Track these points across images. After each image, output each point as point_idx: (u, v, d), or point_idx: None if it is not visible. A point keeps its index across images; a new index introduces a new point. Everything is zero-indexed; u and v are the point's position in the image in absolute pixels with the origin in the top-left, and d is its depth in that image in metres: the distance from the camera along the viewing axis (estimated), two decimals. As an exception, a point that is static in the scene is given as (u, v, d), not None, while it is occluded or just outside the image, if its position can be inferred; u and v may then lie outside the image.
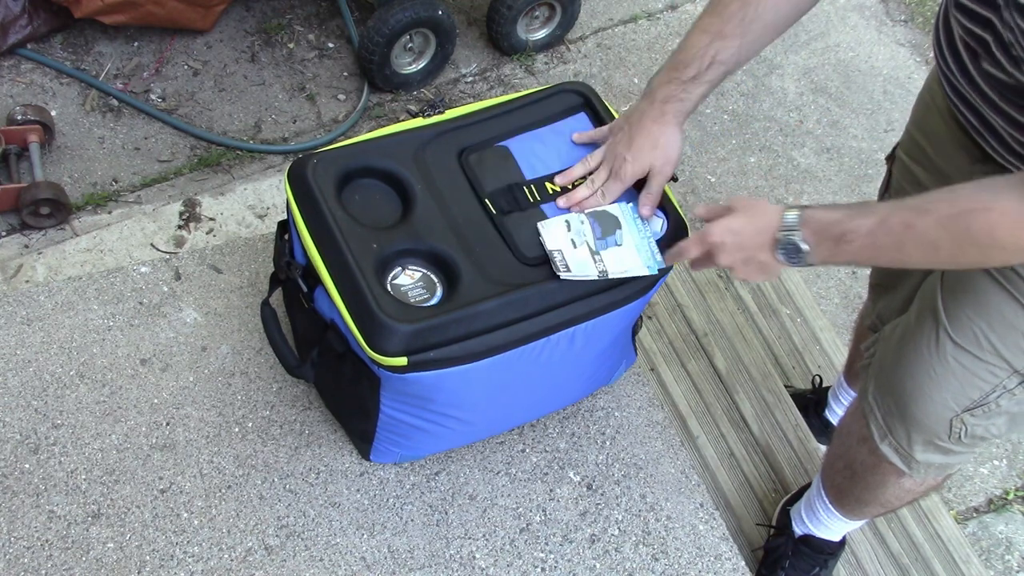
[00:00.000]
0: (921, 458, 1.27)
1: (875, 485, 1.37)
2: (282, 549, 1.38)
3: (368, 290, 1.17)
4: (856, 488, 1.43)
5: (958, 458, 1.27)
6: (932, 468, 1.29)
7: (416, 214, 1.26)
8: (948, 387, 1.18)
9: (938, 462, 1.27)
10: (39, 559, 1.32)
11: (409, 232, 1.25)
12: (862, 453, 1.35)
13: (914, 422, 1.24)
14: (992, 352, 1.13)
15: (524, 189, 1.31)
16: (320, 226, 1.22)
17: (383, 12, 2.27)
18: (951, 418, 1.20)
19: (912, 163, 1.34)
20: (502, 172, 1.32)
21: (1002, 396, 1.15)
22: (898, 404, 1.25)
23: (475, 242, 1.25)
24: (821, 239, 1.06)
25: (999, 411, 1.17)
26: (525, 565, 1.43)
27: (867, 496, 1.43)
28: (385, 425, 1.35)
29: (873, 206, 1.04)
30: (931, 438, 1.23)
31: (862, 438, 1.33)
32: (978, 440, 1.22)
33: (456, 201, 1.29)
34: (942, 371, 1.17)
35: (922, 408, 1.22)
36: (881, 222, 1.01)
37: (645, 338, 1.97)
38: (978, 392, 1.16)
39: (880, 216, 1.01)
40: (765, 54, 2.84)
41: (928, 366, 1.19)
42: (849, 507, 1.50)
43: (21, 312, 1.53)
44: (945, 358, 1.16)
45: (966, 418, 1.19)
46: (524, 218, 1.29)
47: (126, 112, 2.28)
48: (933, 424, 1.22)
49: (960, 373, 1.16)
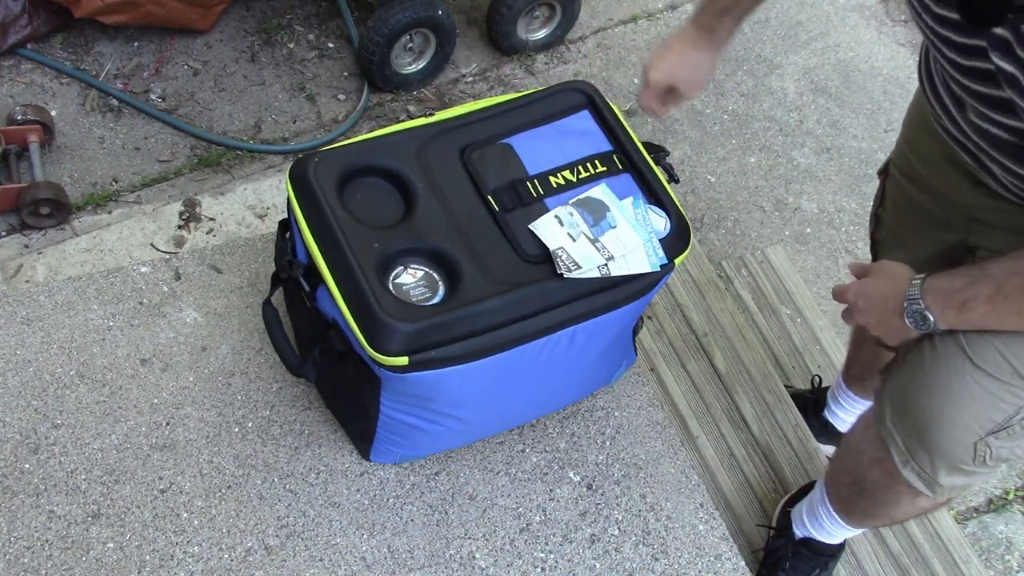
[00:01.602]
0: (945, 482, 1.24)
1: (887, 503, 1.35)
2: (282, 549, 1.38)
3: (369, 290, 1.17)
4: (864, 502, 1.41)
5: (980, 478, 1.26)
6: (956, 489, 1.27)
7: (418, 213, 1.26)
8: (970, 410, 1.16)
9: (961, 483, 1.26)
10: (39, 559, 1.32)
11: (411, 231, 1.25)
12: (875, 473, 1.33)
13: (937, 448, 1.21)
14: (1013, 373, 1.11)
15: (527, 184, 1.30)
16: (322, 225, 1.22)
17: (383, 12, 2.27)
18: (975, 442, 1.17)
19: (906, 181, 1.34)
20: (505, 169, 1.32)
21: None
22: (919, 429, 1.22)
23: (477, 240, 1.25)
24: (945, 308, 1.09)
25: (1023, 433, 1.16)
26: (525, 565, 1.43)
27: (875, 511, 1.41)
28: (385, 425, 1.35)
29: (991, 270, 1.05)
30: (955, 463, 1.21)
31: (876, 460, 1.31)
32: (1002, 461, 1.20)
33: (458, 199, 1.28)
34: (963, 393, 1.15)
35: (945, 433, 1.19)
36: (998, 289, 1.03)
37: (645, 338, 1.97)
38: (1001, 415, 1.15)
39: (997, 282, 1.03)
40: (765, 54, 2.84)
41: (948, 389, 1.16)
42: (854, 518, 1.48)
43: (21, 312, 1.53)
44: (965, 381, 1.14)
45: (991, 441, 1.17)
46: (527, 213, 1.28)
47: (126, 112, 2.27)
48: (956, 449, 1.19)
49: (981, 396, 1.14)
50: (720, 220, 2.50)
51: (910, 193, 1.33)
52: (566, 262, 1.23)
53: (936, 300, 1.09)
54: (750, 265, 2.25)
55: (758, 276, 2.24)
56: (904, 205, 1.36)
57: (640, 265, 1.25)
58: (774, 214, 2.54)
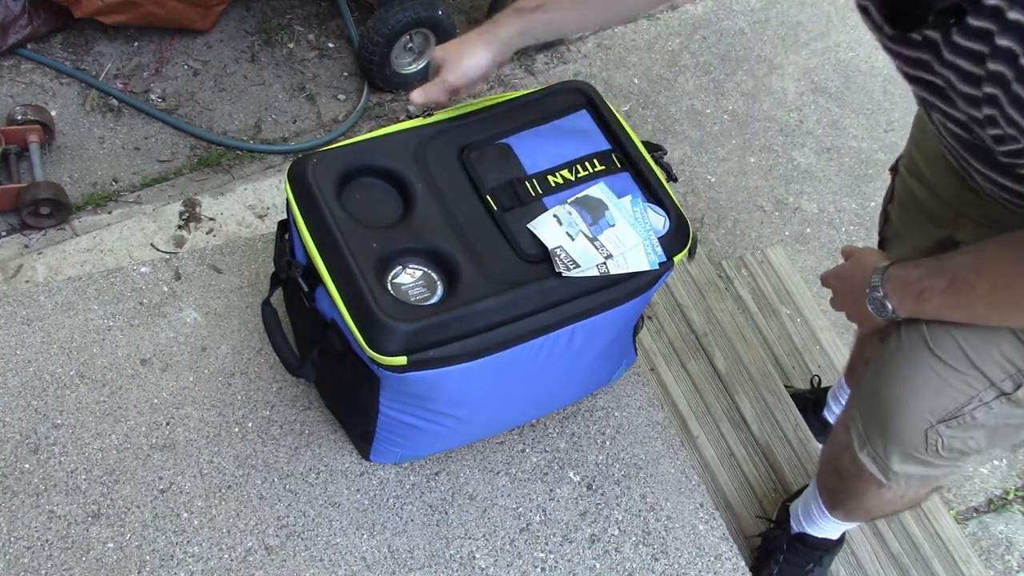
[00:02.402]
0: (898, 469, 1.26)
1: (859, 492, 1.37)
2: (282, 549, 1.38)
3: (368, 290, 1.17)
4: (844, 493, 1.43)
5: (939, 471, 1.26)
6: (912, 480, 1.28)
7: (416, 213, 1.26)
8: (924, 397, 1.18)
9: (917, 474, 1.27)
10: (39, 559, 1.32)
11: (409, 231, 1.25)
12: (846, 460, 1.35)
13: (891, 432, 1.23)
14: (968, 364, 1.12)
15: (526, 184, 1.31)
16: (320, 226, 1.22)
17: (383, 12, 2.27)
18: (926, 429, 1.19)
19: (911, 178, 1.35)
20: (503, 168, 1.32)
21: (978, 408, 1.15)
22: (876, 414, 1.25)
23: (475, 239, 1.25)
24: (903, 297, 1.11)
25: (975, 424, 1.16)
26: (525, 565, 1.43)
27: (853, 503, 1.43)
28: (385, 425, 1.35)
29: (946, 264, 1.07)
30: (908, 450, 1.23)
31: (845, 446, 1.33)
32: (957, 453, 1.21)
33: (457, 199, 1.28)
34: (919, 381, 1.17)
35: (898, 418, 1.21)
36: (951, 283, 1.05)
37: (645, 338, 1.97)
38: (953, 403, 1.16)
39: (951, 276, 1.06)
40: (765, 54, 2.84)
41: (905, 376, 1.19)
42: (840, 510, 1.50)
43: (21, 312, 1.53)
44: (922, 368, 1.16)
45: (941, 429, 1.18)
46: (526, 212, 1.28)
47: (126, 112, 2.27)
48: (909, 435, 1.21)
49: (936, 383, 1.16)
50: (720, 220, 2.50)
51: (913, 190, 1.34)
52: (564, 261, 1.23)
53: (895, 289, 1.12)
54: (750, 265, 2.25)
55: (758, 276, 2.24)
56: (908, 202, 1.37)
57: (639, 263, 1.25)
58: (774, 214, 2.54)
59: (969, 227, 1.22)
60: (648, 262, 1.26)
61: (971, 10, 0.81)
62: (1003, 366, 1.11)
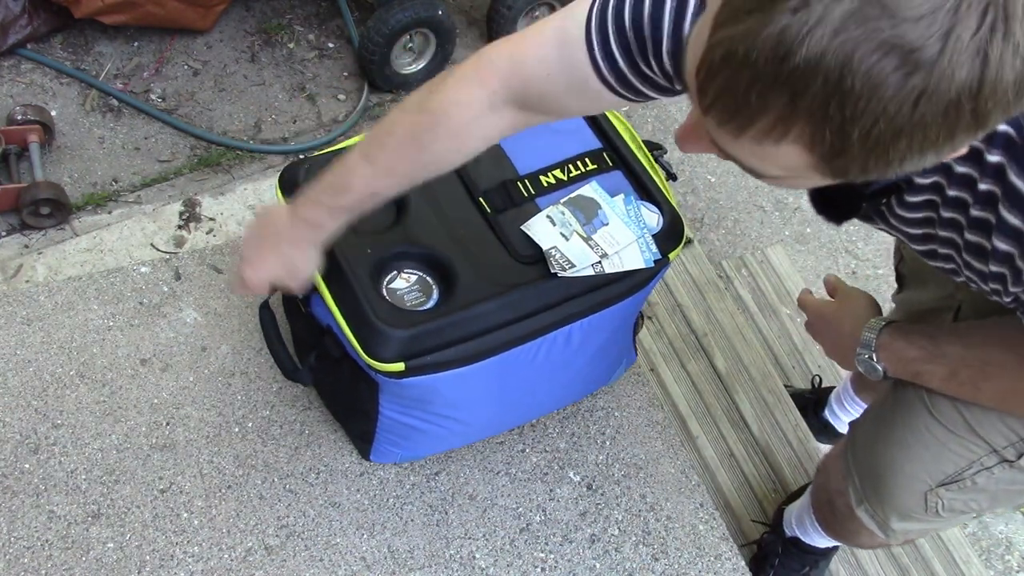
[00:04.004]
0: (898, 527, 1.24)
1: (853, 531, 1.36)
2: (282, 549, 1.38)
3: (363, 296, 1.17)
4: (838, 526, 1.42)
5: (940, 525, 1.26)
6: (911, 533, 1.28)
7: (410, 217, 1.26)
8: (921, 461, 1.16)
9: (916, 529, 1.25)
10: (39, 559, 1.32)
11: (403, 235, 1.25)
12: (839, 502, 1.34)
13: (889, 495, 1.21)
14: (968, 429, 1.10)
15: (518, 184, 1.30)
16: None
17: (383, 12, 2.27)
18: (925, 492, 1.17)
19: None
20: (495, 170, 1.32)
21: (979, 473, 1.13)
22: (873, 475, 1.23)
23: (470, 242, 1.25)
24: (898, 369, 1.10)
25: (976, 488, 1.14)
26: (525, 565, 1.43)
27: (846, 536, 1.42)
28: (385, 426, 1.35)
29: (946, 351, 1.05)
30: (907, 512, 1.21)
31: (840, 491, 1.32)
32: (958, 513, 1.19)
33: (450, 202, 1.28)
34: (916, 443, 1.15)
35: (895, 481, 1.19)
36: (952, 375, 1.04)
37: (645, 338, 1.96)
38: (953, 467, 1.14)
39: (951, 368, 1.04)
40: (765, 54, 2.84)
41: (902, 438, 1.17)
42: (833, 535, 1.49)
43: (21, 312, 1.53)
44: (919, 430, 1.14)
45: (941, 492, 1.16)
46: (519, 214, 1.28)
47: (126, 112, 2.27)
48: (907, 499, 1.19)
49: (934, 446, 1.14)
50: (720, 220, 2.50)
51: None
52: (560, 261, 1.22)
53: (889, 359, 1.10)
54: (750, 265, 2.25)
55: (758, 276, 2.23)
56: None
57: (634, 261, 1.25)
58: (774, 214, 2.54)
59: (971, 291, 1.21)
60: (643, 260, 1.26)
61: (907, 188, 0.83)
62: (1005, 434, 1.09)
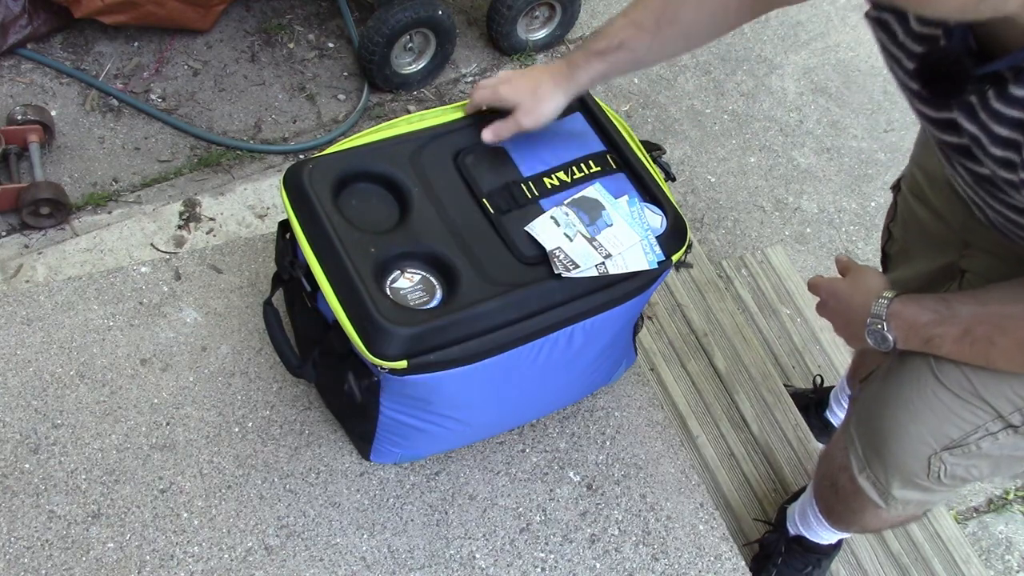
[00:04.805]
0: (898, 494, 1.25)
1: (856, 510, 1.36)
2: (282, 549, 1.38)
3: (367, 294, 1.17)
4: (840, 508, 1.43)
5: (938, 496, 1.25)
6: (910, 504, 1.27)
7: (413, 217, 1.26)
8: (927, 424, 1.16)
9: (916, 499, 1.26)
10: (39, 559, 1.32)
11: (407, 235, 1.25)
12: (843, 479, 1.34)
13: (892, 459, 1.22)
14: (974, 394, 1.11)
15: (521, 186, 1.31)
16: (317, 232, 1.22)
17: (383, 12, 2.27)
18: (929, 456, 1.18)
19: (914, 200, 1.34)
20: (499, 171, 1.32)
21: (984, 439, 1.14)
22: (876, 439, 1.24)
23: (474, 243, 1.25)
24: (909, 337, 1.10)
25: (980, 453, 1.15)
26: (525, 565, 1.43)
27: (849, 517, 1.42)
28: (385, 426, 1.35)
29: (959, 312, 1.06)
30: (909, 476, 1.21)
31: (843, 466, 1.32)
32: (959, 480, 1.20)
33: (454, 202, 1.29)
34: (922, 407, 1.16)
35: (899, 444, 1.20)
36: (965, 333, 1.04)
37: (645, 338, 1.97)
38: (958, 431, 1.15)
39: (964, 326, 1.04)
40: (765, 54, 2.84)
41: (908, 401, 1.17)
42: (836, 521, 1.50)
43: (21, 312, 1.53)
44: (926, 394, 1.15)
45: (945, 457, 1.17)
46: (523, 215, 1.28)
47: (126, 112, 2.28)
48: (910, 462, 1.20)
49: (940, 410, 1.14)
50: (720, 220, 2.50)
51: (916, 211, 1.33)
52: (564, 261, 1.23)
53: (900, 328, 1.10)
54: (750, 265, 2.25)
55: (758, 276, 2.24)
56: (911, 222, 1.36)
57: (638, 263, 1.25)
58: (774, 214, 2.54)
59: (978, 256, 1.21)
60: (647, 261, 1.26)
61: (1012, 80, 0.81)
62: (1012, 400, 1.10)
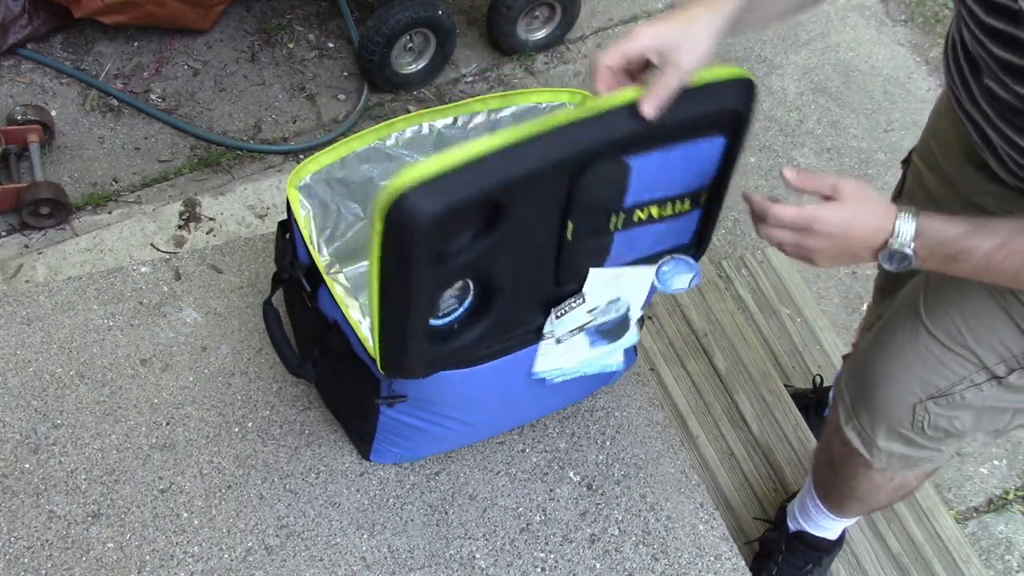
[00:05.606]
0: (882, 445, 1.27)
1: (848, 476, 1.39)
2: (282, 549, 1.38)
3: (411, 332, 1.06)
4: (836, 480, 1.45)
5: (922, 452, 1.27)
6: (893, 458, 1.29)
7: (495, 234, 1.05)
8: (915, 372, 1.19)
9: (899, 452, 1.28)
10: (39, 559, 1.32)
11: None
12: (836, 442, 1.37)
13: (878, 406, 1.25)
14: (963, 346, 1.14)
15: (611, 216, 1.12)
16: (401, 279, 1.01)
17: (383, 12, 2.27)
18: (914, 404, 1.20)
19: (924, 167, 1.35)
20: (605, 194, 1.10)
21: (968, 389, 1.16)
22: (865, 387, 1.26)
23: (528, 257, 1.12)
24: (932, 254, 1.00)
25: (964, 404, 1.18)
26: (525, 565, 1.43)
27: (845, 489, 1.44)
28: (385, 426, 1.35)
29: (994, 224, 0.99)
30: (894, 424, 1.24)
31: (836, 427, 1.35)
32: (942, 433, 1.22)
33: (540, 220, 1.08)
34: (912, 356, 1.19)
35: (887, 391, 1.23)
36: (1001, 245, 0.97)
37: (645, 338, 1.97)
38: (944, 381, 1.17)
39: (1001, 239, 0.97)
40: (765, 54, 2.84)
41: (898, 351, 1.20)
42: (833, 503, 1.52)
43: (21, 312, 1.53)
44: (916, 344, 1.18)
45: (930, 406, 1.20)
46: (594, 244, 1.15)
47: (126, 112, 2.28)
48: (896, 409, 1.22)
49: (929, 360, 1.17)
50: (720, 220, 2.49)
51: (925, 180, 1.34)
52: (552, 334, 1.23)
53: (924, 245, 1.00)
54: (750, 265, 2.25)
55: (758, 276, 2.24)
56: (917, 192, 1.37)
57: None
58: (774, 214, 2.54)
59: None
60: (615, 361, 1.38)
61: None
62: (999, 351, 1.12)
